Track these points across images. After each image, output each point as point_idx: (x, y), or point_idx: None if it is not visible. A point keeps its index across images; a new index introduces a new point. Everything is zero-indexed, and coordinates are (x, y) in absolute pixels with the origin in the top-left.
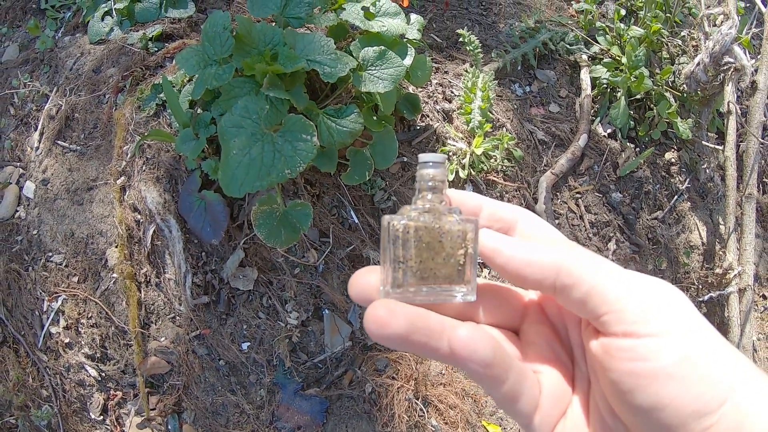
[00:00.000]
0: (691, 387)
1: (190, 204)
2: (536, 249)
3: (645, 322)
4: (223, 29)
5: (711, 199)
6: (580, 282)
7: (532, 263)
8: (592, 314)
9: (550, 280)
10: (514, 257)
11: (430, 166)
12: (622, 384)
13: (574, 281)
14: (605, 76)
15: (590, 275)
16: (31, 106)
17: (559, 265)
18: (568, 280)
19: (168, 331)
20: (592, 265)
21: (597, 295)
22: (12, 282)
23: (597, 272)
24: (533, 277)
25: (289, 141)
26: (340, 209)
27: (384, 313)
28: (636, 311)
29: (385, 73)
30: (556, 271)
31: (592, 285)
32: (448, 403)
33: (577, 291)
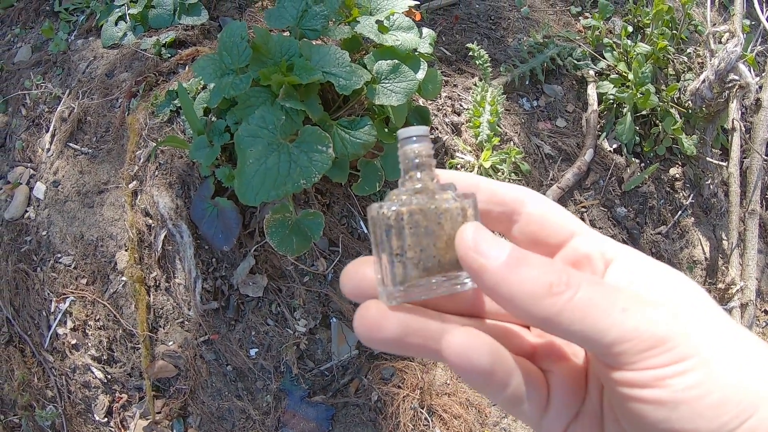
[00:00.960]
0: (705, 411)
1: (202, 210)
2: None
3: (653, 357)
4: (240, 39)
5: (714, 215)
6: (571, 329)
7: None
8: (596, 353)
9: (535, 323)
10: (498, 287)
11: (414, 141)
12: (633, 412)
13: (565, 329)
14: (612, 91)
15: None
16: (43, 107)
17: (546, 315)
18: (557, 329)
19: (176, 336)
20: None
21: (594, 338)
22: (20, 282)
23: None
24: (516, 315)
25: (305, 151)
26: (349, 219)
27: (375, 314)
28: (641, 350)
29: (399, 86)
30: (543, 320)
31: (588, 328)
32: (453, 412)
33: (571, 337)
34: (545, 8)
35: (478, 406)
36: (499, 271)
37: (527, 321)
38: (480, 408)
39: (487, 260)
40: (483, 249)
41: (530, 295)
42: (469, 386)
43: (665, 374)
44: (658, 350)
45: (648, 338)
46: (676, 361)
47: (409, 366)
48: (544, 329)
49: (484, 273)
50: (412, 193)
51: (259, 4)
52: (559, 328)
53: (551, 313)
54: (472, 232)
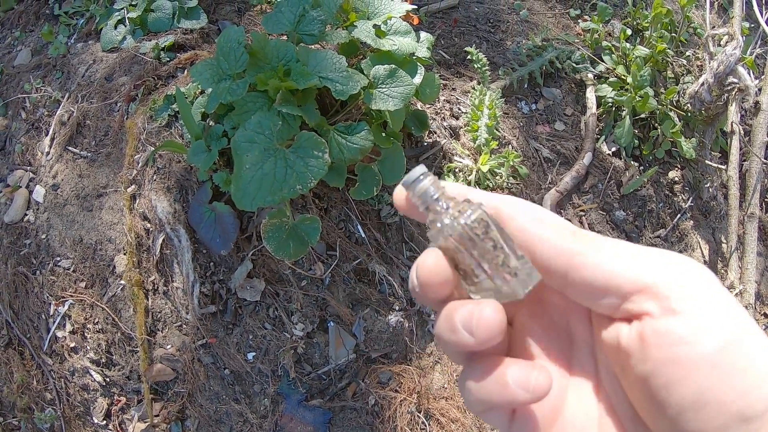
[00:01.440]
0: (737, 379)
1: (200, 215)
2: (550, 227)
3: (684, 298)
4: (237, 44)
5: (714, 218)
6: (597, 264)
7: (544, 240)
8: (618, 294)
9: (563, 261)
10: (527, 228)
11: (422, 179)
12: (658, 377)
13: (590, 264)
14: (610, 95)
15: (609, 255)
16: (43, 111)
17: (570, 247)
18: (581, 262)
19: (174, 339)
20: (608, 245)
21: (621, 274)
22: (19, 285)
23: (616, 251)
24: (543, 256)
25: (301, 157)
26: (347, 223)
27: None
28: (671, 285)
29: (395, 91)
30: (569, 253)
31: (613, 265)
32: (450, 416)
33: (596, 272)
34: (544, 11)
35: None
36: (533, 216)
37: (556, 263)
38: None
39: (522, 209)
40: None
41: (558, 235)
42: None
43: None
44: (700, 291)
45: (684, 276)
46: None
47: (407, 370)
48: (569, 270)
49: (520, 215)
50: (453, 218)
51: (258, 8)
52: (586, 263)
53: (579, 248)
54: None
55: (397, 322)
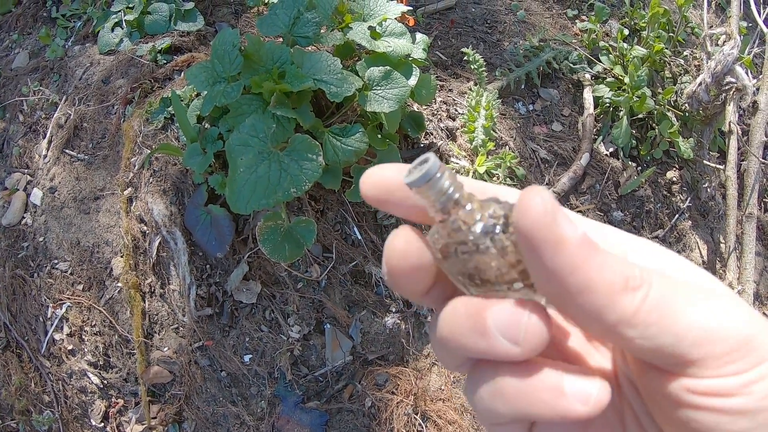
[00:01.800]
0: None
1: (196, 217)
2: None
3: (733, 363)
4: (232, 47)
5: (712, 218)
6: (646, 331)
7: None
8: (669, 365)
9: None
10: (576, 268)
11: (439, 178)
12: (702, 422)
13: (640, 331)
14: (608, 95)
15: (659, 317)
16: (40, 113)
17: (617, 319)
18: (629, 332)
19: (171, 342)
20: (658, 299)
21: (669, 347)
22: (17, 287)
23: (666, 307)
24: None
25: (295, 160)
26: (343, 225)
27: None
28: (720, 356)
29: (390, 93)
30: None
31: (663, 335)
32: (447, 418)
33: (644, 342)
34: (541, 11)
35: (472, 412)
36: (580, 250)
37: (598, 323)
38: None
39: (566, 233)
40: (560, 220)
41: (608, 287)
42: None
43: (750, 379)
44: (742, 352)
45: (732, 338)
46: (759, 363)
47: (403, 372)
48: (611, 336)
49: (563, 249)
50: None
51: (255, 10)
52: (630, 335)
53: (627, 314)
54: (545, 195)
55: (394, 323)
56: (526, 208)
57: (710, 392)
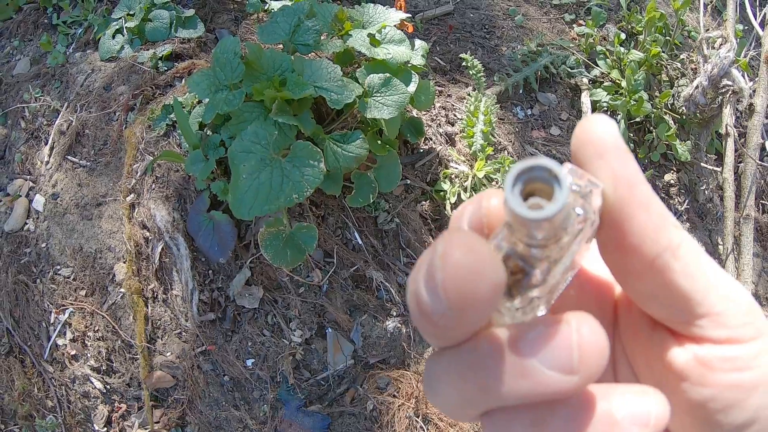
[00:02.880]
0: None
1: (198, 223)
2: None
3: (748, 325)
4: (233, 55)
5: (710, 220)
6: (686, 268)
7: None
8: (687, 314)
9: (657, 250)
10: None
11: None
12: (717, 401)
13: (681, 266)
14: (605, 99)
15: (702, 270)
16: (42, 120)
17: (665, 245)
18: (673, 262)
19: (174, 347)
20: (703, 258)
21: (703, 294)
22: (20, 293)
23: (708, 267)
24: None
25: (296, 166)
26: (344, 230)
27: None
28: (740, 313)
29: (390, 99)
30: (667, 244)
31: (702, 282)
32: (448, 421)
33: (685, 283)
34: (539, 16)
35: None
36: (639, 181)
37: (648, 248)
38: None
39: (627, 160)
40: (627, 158)
41: (662, 212)
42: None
43: (761, 349)
44: (752, 317)
45: (746, 302)
46: (762, 335)
47: (405, 375)
48: (656, 266)
49: (630, 161)
50: None
51: (254, 17)
52: (674, 267)
53: (673, 244)
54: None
55: (395, 327)
56: (588, 129)
57: (724, 365)
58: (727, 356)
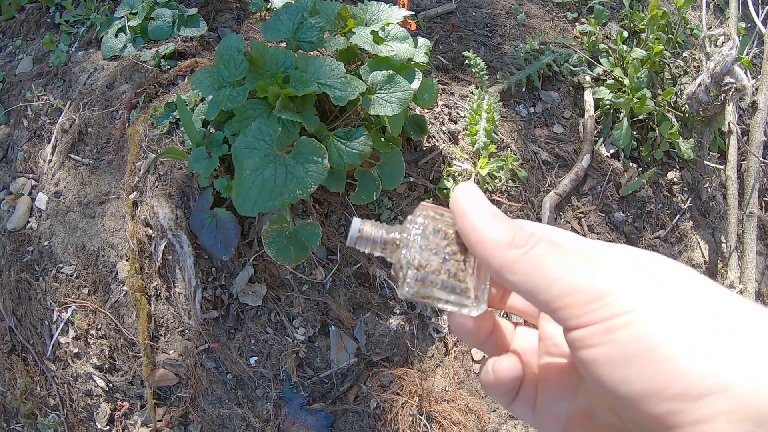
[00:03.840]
0: (661, 365)
1: (201, 221)
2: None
3: (593, 311)
4: (237, 52)
5: (713, 218)
6: (522, 278)
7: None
8: (544, 307)
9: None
10: (472, 228)
11: (360, 229)
12: (590, 376)
13: (517, 277)
14: (608, 97)
15: (533, 272)
16: (45, 119)
17: (500, 265)
18: (509, 276)
19: (177, 344)
20: (535, 259)
21: (542, 290)
22: (22, 291)
23: (541, 262)
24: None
25: (300, 163)
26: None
27: None
28: (585, 300)
29: (394, 96)
30: (498, 272)
31: (534, 282)
32: (452, 419)
33: (521, 291)
34: (541, 15)
35: (477, 413)
36: (477, 217)
37: (489, 268)
38: (479, 414)
39: (470, 208)
40: (471, 202)
41: (494, 242)
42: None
43: (610, 327)
44: (600, 303)
45: (589, 290)
46: (620, 312)
47: (408, 373)
48: (501, 280)
49: (465, 216)
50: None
51: (257, 15)
52: (512, 279)
53: (507, 262)
54: (469, 188)
55: (398, 325)
56: (453, 195)
57: (580, 344)
58: (580, 339)
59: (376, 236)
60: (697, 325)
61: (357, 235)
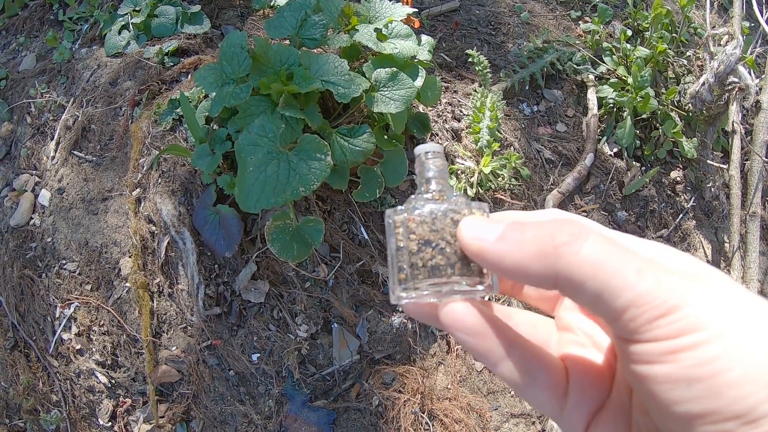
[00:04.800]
0: (724, 390)
1: (204, 217)
2: (525, 247)
3: (661, 327)
4: (240, 49)
5: (716, 218)
6: (583, 287)
7: (522, 267)
8: (606, 318)
9: (550, 284)
10: (503, 259)
11: (430, 155)
12: (646, 394)
13: (576, 286)
14: (611, 96)
15: (595, 276)
16: (48, 115)
17: (555, 270)
18: (568, 286)
19: (179, 341)
20: (597, 259)
21: (606, 298)
22: (25, 288)
23: (603, 268)
24: (530, 283)
25: (303, 159)
26: (350, 225)
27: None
28: (648, 316)
29: (397, 94)
30: (554, 277)
31: (600, 286)
32: (454, 417)
33: (583, 296)
34: (545, 13)
35: (479, 411)
36: (497, 244)
37: (545, 285)
38: (481, 412)
39: (483, 241)
40: (479, 232)
41: (535, 254)
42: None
43: (676, 346)
44: (669, 318)
45: (660, 304)
46: (688, 331)
47: (410, 371)
48: (561, 289)
49: (485, 253)
50: (422, 201)
51: (260, 13)
52: (571, 285)
53: (560, 268)
54: (469, 221)
55: (401, 323)
56: (458, 236)
57: (639, 358)
58: (644, 354)
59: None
60: (763, 351)
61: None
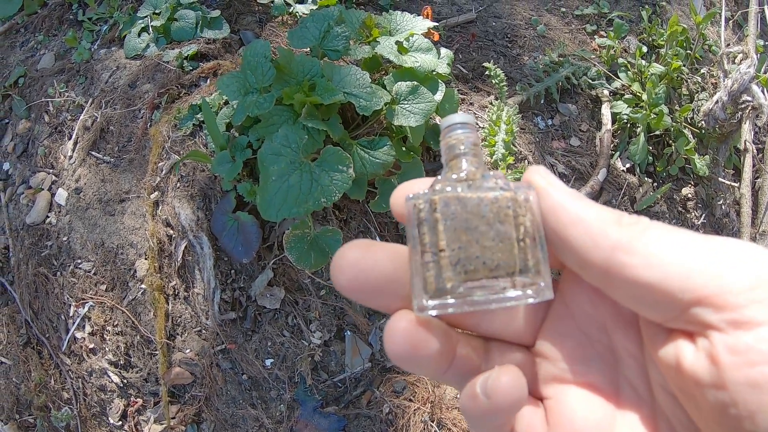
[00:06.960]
0: None
1: (223, 223)
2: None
3: (755, 303)
4: (264, 58)
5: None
6: (648, 259)
7: (581, 223)
8: (673, 303)
9: (602, 255)
10: (566, 203)
11: (458, 128)
12: (740, 405)
13: (640, 259)
14: (626, 111)
15: (662, 251)
16: (66, 115)
17: (613, 237)
18: (626, 259)
19: (193, 344)
20: (661, 236)
21: (676, 278)
22: (40, 285)
23: (671, 244)
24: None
25: (326, 171)
26: (366, 235)
27: (407, 329)
28: (743, 289)
29: (417, 107)
30: (610, 245)
31: (667, 266)
32: (463, 426)
33: (645, 273)
34: (561, 27)
35: None
36: (570, 193)
37: (588, 255)
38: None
39: (554, 188)
40: (552, 178)
41: (599, 219)
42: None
43: None
44: (764, 290)
45: (750, 275)
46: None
47: (421, 380)
48: (608, 268)
49: (554, 189)
50: (452, 182)
51: (279, 19)
52: (633, 261)
53: (623, 241)
54: (545, 170)
55: None
56: (527, 173)
57: (734, 359)
58: (737, 347)
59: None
60: None
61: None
